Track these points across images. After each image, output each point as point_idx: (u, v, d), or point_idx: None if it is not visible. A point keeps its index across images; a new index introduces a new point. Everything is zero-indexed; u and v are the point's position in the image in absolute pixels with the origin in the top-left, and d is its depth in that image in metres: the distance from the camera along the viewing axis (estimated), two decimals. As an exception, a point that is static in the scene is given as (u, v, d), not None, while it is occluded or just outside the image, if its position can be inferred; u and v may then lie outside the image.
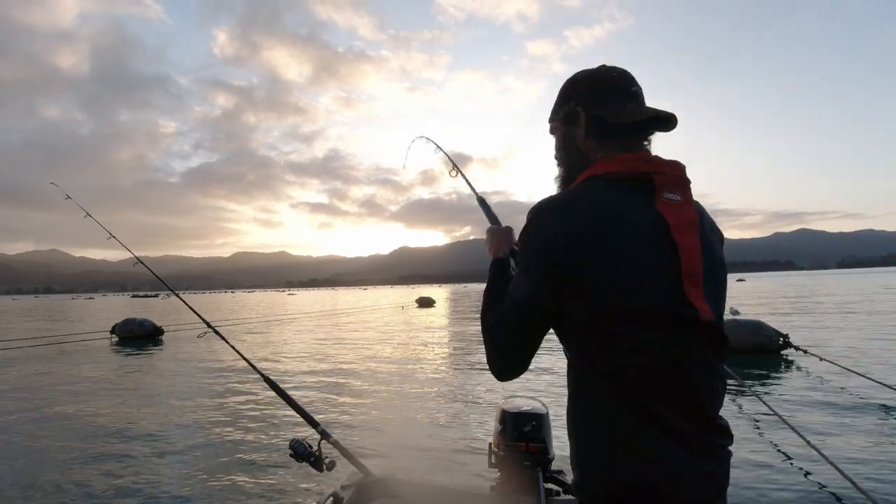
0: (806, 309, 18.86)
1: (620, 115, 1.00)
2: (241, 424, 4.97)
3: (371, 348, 11.33)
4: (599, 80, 1.04)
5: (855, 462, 3.70)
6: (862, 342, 9.75)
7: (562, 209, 0.95)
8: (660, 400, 0.89)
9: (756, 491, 3.29)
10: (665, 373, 0.89)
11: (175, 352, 11.78)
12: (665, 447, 0.88)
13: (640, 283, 0.89)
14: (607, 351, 0.91)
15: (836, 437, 4.30)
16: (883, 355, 8.24)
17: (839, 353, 8.18)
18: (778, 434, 4.38)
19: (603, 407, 0.92)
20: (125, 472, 3.86)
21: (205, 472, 3.77)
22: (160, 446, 4.42)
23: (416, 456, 3.81)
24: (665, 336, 0.89)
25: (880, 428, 4.57)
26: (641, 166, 0.96)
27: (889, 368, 7.05)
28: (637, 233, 0.91)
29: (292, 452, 2.16)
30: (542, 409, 2.83)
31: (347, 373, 8.02)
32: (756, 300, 25.02)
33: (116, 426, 5.16)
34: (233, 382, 7.26)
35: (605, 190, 0.95)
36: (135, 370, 9.10)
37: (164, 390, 6.99)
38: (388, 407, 5.58)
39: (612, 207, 0.93)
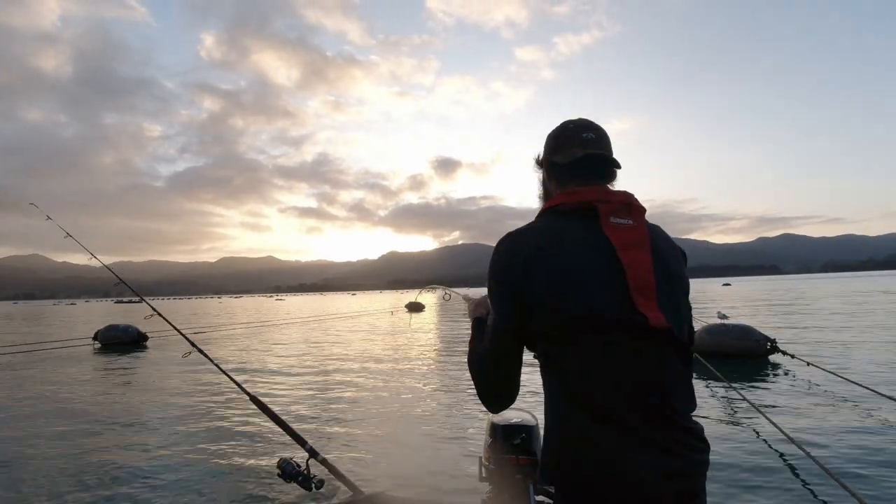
0: (792, 313, 19.11)
1: (567, 157, 1.18)
2: (227, 443, 4.84)
3: (359, 357, 11.22)
4: (558, 132, 1.24)
5: (836, 458, 3.77)
6: (847, 346, 9.89)
7: (514, 238, 1.14)
8: (616, 400, 0.99)
9: (742, 486, 3.31)
10: (620, 375, 1.00)
11: (159, 360, 11.56)
12: (621, 445, 0.97)
13: (590, 294, 1.01)
14: (566, 356, 1.03)
15: (823, 438, 4.38)
16: (867, 359, 8.37)
17: (825, 357, 8.29)
18: (772, 439, 4.41)
19: (561, 407, 1.04)
20: (105, 494, 3.75)
21: (188, 494, 3.66)
22: (142, 464, 4.29)
23: (406, 472, 3.74)
24: (617, 341, 1.00)
25: (862, 426, 4.71)
26: (585, 196, 1.12)
27: (873, 372, 7.19)
28: (581, 252, 1.05)
29: (280, 472, 2.11)
30: (532, 421, 2.81)
31: (336, 384, 7.90)
32: (742, 304, 25.29)
33: (94, 445, 5.01)
34: (218, 396, 7.11)
35: (555, 220, 1.12)
36: (117, 381, 8.90)
37: (145, 406, 6.80)
38: (378, 422, 5.48)
39: (558, 232, 1.09)
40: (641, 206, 1.14)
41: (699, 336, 9.13)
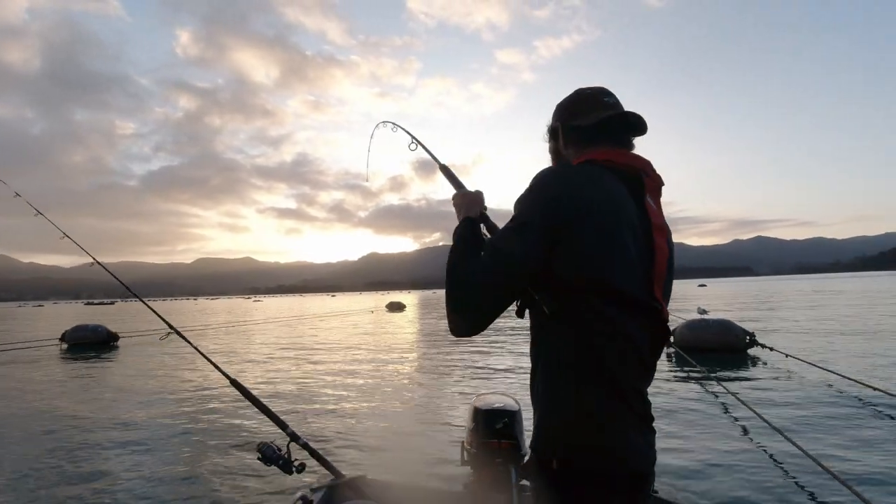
0: (767, 310, 19.65)
1: (592, 119, 1.13)
2: (205, 429, 4.74)
3: (341, 351, 11.12)
4: (574, 98, 1.20)
5: (823, 446, 3.81)
6: (820, 339, 10.19)
7: (569, 174, 1.06)
8: (627, 376, 1.02)
9: (728, 474, 3.35)
10: (633, 353, 1.02)
11: (132, 358, 11.24)
12: (627, 418, 1.01)
13: (624, 263, 1.01)
14: (587, 323, 1.00)
15: (804, 426, 4.47)
16: (840, 350, 8.64)
17: (801, 350, 8.49)
18: (756, 431, 4.48)
19: (574, 374, 1.01)
20: (82, 480, 3.62)
21: (168, 479, 3.56)
22: (119, 454, 4.14)
23: (387, 456, 3.70)
24: (634, 315, 1.02)
25: (842, 414, 4.84)
26: (634, 161, 1.10)
27: (847, 363, 7.40)
28: (630, 221, 1.03)
29: (260, 456, 2.05)
30: (514, 406, 2.81)
31: (317, 374, 7.82)
32: (720, 302, 25.85)
33: (69, 430, 4.84)
34: (194, 387, 6.95)
35: (603, 173, 1.07)
36: (87, 378, 8.60)
37: (120, 397, 6.61)
38: (360, 408, 5.43)
39: (612, 189, 1.05)
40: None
41: (681, 331, 9.28)
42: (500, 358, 8.30)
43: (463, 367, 7.73)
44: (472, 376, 7.24)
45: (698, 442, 4.13)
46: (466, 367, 7.91)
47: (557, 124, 1.21)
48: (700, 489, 3.23)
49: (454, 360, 8.71)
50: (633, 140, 1.16)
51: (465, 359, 9.02)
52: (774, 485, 3.30)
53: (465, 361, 8.61)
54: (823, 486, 3.25)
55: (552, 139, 1.24)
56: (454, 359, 8.99)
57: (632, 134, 1.15)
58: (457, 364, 8.19)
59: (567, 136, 1.18)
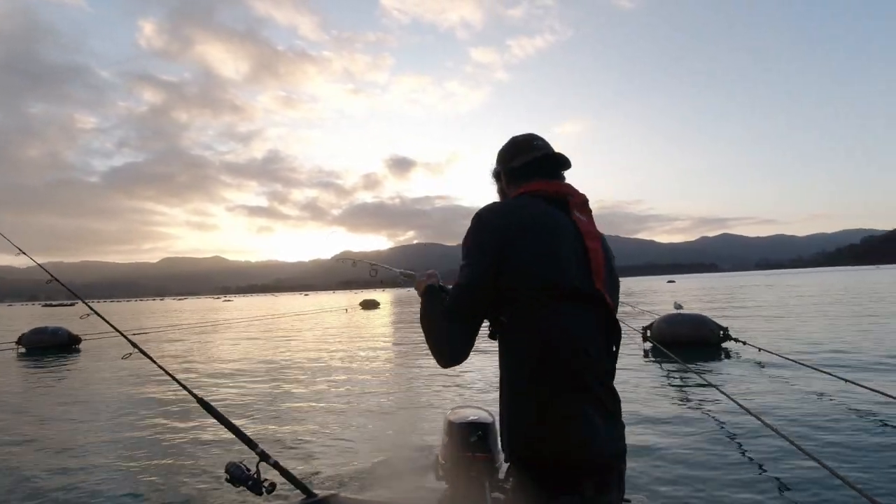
0: (734, 305, 20.36)
1: (525, 159, 1.36)
2: (171, 448, 4.53)
3: (312, 355, 10.91)
4: (510, 145, 1.42)
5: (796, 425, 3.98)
6: (790, 333, 10.61)
7: (503, 208, 1.28)
8: (582, 366, 1.12)
9: (711, 461, 3.42)
10: (583, 339, 1.14)
11: (94, 363, 10.80)
12: (586, 409, 1.10)
13: (562, 265, 1.17)
14: (537, 320, 1.13)
15: (781, 410, 4.74)
16: (807, 343, 9.06)
17: (770, 342, 8.78)
18: (732, 413, 4.60)
19: (530, 370, 1.12)
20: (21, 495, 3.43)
21: (125, 494, 3.40)
22: (73, 474, 3.94)
23: (360, 472, 3.61)
24: (580, 309, 1.16)
25: (817, 401, 5.19)
26: (557, 188, 1.31)
27: (814, 354, 7.86)
28: (559, 230, 1.21)
29: (228, 477, 1.96)
30: (488, 419, 2.79)
31: (288, 384, 7.61)
32: (691, 298, 26.53)
33: (21, 446, 4.60)
34: (159, 400, 6.67)
35: (534, 200, 1.28)
36: (44, 387, 8.21)
37: (77, 409, 6.31)
38: (331, 422, 5.28)
39: (541, 210, 1.25)
40: (590, 209, 1.35)
41: (658, 325, 9.48)
42: (479, 371, 8.32)
43: (440, 377, 7.70)
44: (448, 386, 7.20)
45: (678, 438, 4.21)
46: (443, 377, 7.89)
47: (499, 168, 1.43)
48: (680, 494, 3.25)
49: (431, 369, 8.69)
50: (562, 174, 1.37)
51: (439, 370, 9.00)
52: (757, 479, 3.38)
53: (441, 371, 8.60)
54: (809, 476, 3.36)
55: (497, 181, 1.46)
56: (431, 367, 8.96)
57: (559, 169, 1.36)
58: (433, 373, 8.16)
59: (507, 177, 1.40)
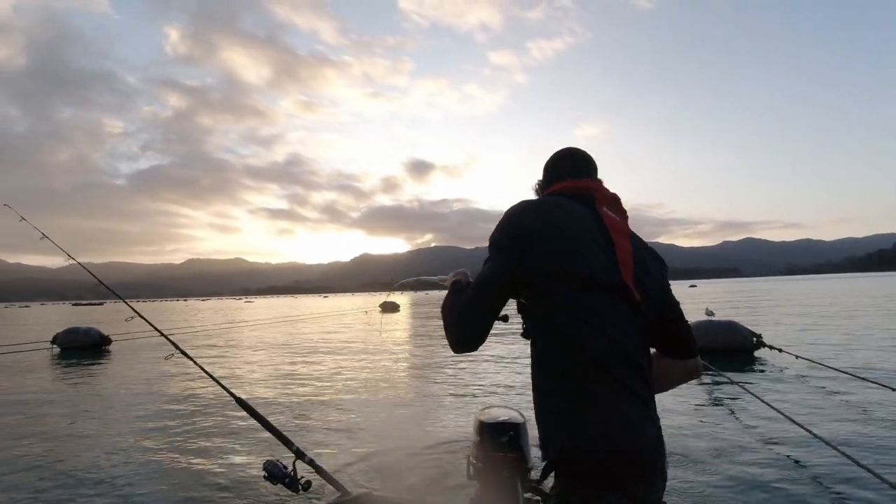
0: (761, 310, 19.84)
1: (556, 165, 1.44)
2: (209, 446, 4.63)
3: (339, 356, 11.02)
4: (554, 158, 1.46)
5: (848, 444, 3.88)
6: (824, 340, 10.26)
7: (525, 205, 1.30)
8: (610, 353, 1.11)
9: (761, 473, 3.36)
10: (611, 332, 1.12)
11: (126, 364, 11.10)
12: (620, 403, 1.09)
13: (584, 255, 1.17)
14: (560, 312, 1.14)
15: (830, 422, 4.60)
16: (847, 351, 8.78)
17: (807, 350, 8.42)
18: (775, 427, 4.51)
19: (560, 366, 1.13)
20: (72, 496, 3.56)
21: (164, 497, 3.48)
22: (110, 469, 4.08)
23: (393, 472, 3.66)
24: (608, 301, 1.15)
25: (867, 413, 4.95)
26: (582, 184, 1.33)
27: (856, 361, 7.58)
28: (586, 225, 1.22)
29: (266, 474, 2.04)
30: (519, 419, 2.80)
31: (317, 384, 7.71)
32: (716, 303, 25.91)
33: (57, 452, 4.76)
34: (195, 398, 6.85)
35: (556, 199, 1.31)
36: (82, 386, 8.48)
37: (115, 409, 6.49)
38: (364, 421, 5.35)
39: (565, 205, 1.27)
40: (624, 209, 1.36)
41: None
42: (517, 375, 8.27)
43: (469, 377, 7.71)
44: (477, 387, 7.22)
45: (717, 445, 4.13)
46: (473, 377, 7.90)
47: (540, 180, 1.49)
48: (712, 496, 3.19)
49: (460, 370, 8.69)
50: (592, 173, 1.40)
51: (467, 368, 9.01)
52: (810, 494, 3.27)
53: (469, 371, 8.59)
54: (855, 480, 3.28)
55: (537, 195, 1.50)
56: (460, 367, 8.98)
57: (586, 168, 1.40)
58: (463, 374, 8.17)
59: (543, 185, 1.46)
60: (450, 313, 1.30)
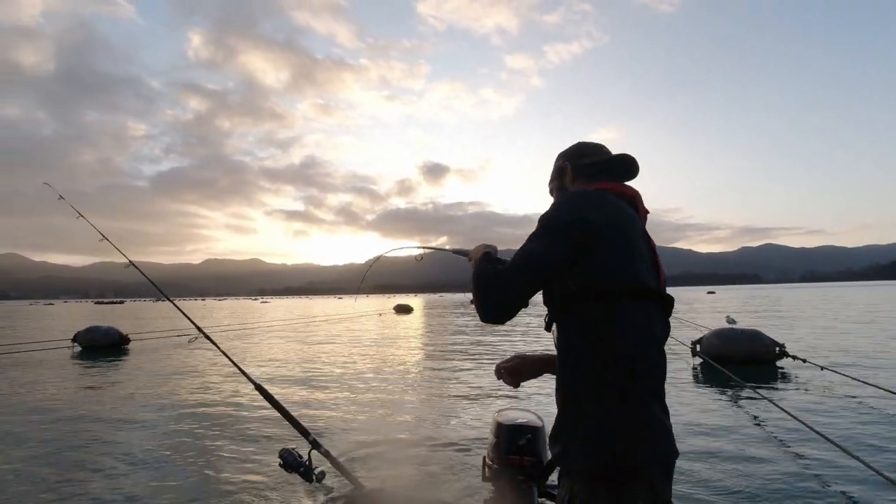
0: (782, 318, 19.36)
1: (599, 157, 1.39)
2: (226, 433, 4.72)
3: (356, 355, 11.09)
4: (579, 145, 1.45)
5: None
6: (848, 351, 9.93)
7: (593, 198, 1.24)
8: (655, 366, 1.15)
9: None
10: (656, 340, 1.17)
11: (145, 362, 11.30)
12: (658, 411, 1.13)
13: (640, 263, 1.19)
14: (618, 320, 1.13)
15: (857, 435, 4.46)
16: (872, 362, 8.48)
17: (832, 362, 8.15)
18: (802, 443, 4.42)
19: (613, 373, 1.11)
20: (93, 486, 3.63)
21: (186, 483, 3.55)
22: (126, 458, 4.16)
23: (408, 468, 3.67)
24: (654, 309, 1.19)
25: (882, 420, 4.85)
26: (630, 191, 1.34)
27: (881, 374, 7.29)
28: (640, 232, 1.24)
29: (282, 462, 2.05)
30: (537, 423, 2.76)
31: (334, 380, 7.78)
32: (737, 311, 25.41)
33: (80, 442, 4.86)
34: (211, 392, 6.95)
35: (615, 198, 1.28)
36: (104, 382, 8.66)
37: (135, 402, 6.63)
38: (379, 417, 5.39)
39: (623, 206, 1.27)
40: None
41: (709, 339, 9.01)
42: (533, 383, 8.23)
43: (487, 378, 7.67)
44: (492, 388, 7.18)
45: (739, 460, 4.01)
46: (489, 378, 7.86)
47: (566, 164, 1.42)
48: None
49: (476, 370, 8.67)
50: (628, 182, 1.39)
51: (485, 368, 8.97)
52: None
53: (487, 371, 8.57)
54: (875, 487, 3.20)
55: (557, 178, 1.45)
56: (476, 367, 8.96)
57: (628, 176, 1.39)
58: (480, 374, 8.14)
59: (576, 172, 1.39)
60: (484, 281, 1.21)
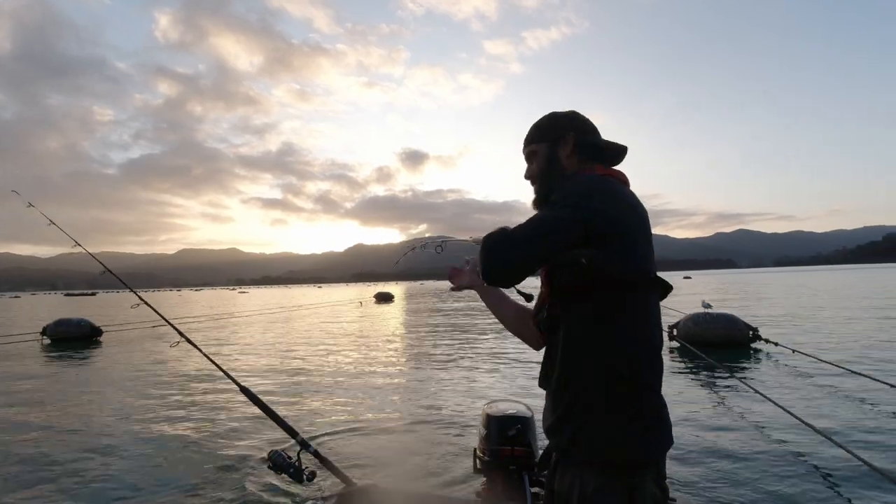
0: (755, 303, 19.93)
1: (599, 142, 1.30)
2: (213, 435, 4.56)
3: (338, 347, 10.96)
4: (581, 117, 1.32)
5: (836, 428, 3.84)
6: (819, 333, 10.32)
7: (606, 182, 1.19)
8: (658, 344, 1.17)
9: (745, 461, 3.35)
10: (658, 326, 1.19)
11: (119, 354, 11.00)
12: (660, 398, 1.15)
13: (651, 255, 1.18)
14: (638, 312, 1.14)
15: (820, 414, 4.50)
16: (841, 344, 8.84)
17: (802, 344, 8.34)
18: (779, 425, 4.51)
19: (631, 364, 1.11)
20: (73, 493, 3.50)
21: (174, 488, 3.42)
22: (112, 462, 3.99)
23: (398, 464, 3.62)
24: (657, 299, 1.21)
25: (862, 406, 4.98)
26: (626, 179, 1.28)
27: (850, 355, 7.60)
28: (646, 219, 1.20)
29: (271, 464, 2.00)
30: (526, 413, 2.76)
31: (318, 376, 7.66)
32: (712, 295, 26.04)
33: (54, 436, 4.70)
34: (192, 389, 6.78)
35: (629, 189, 1.25)
36: (72, 377, 8.40)
37: (109, 399, 6.42)
38: (366, 413, 5.30)
39: (631, 195, 1.22)
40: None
41: (685, 324, 9.28)
42: (517, 369, 8.22)
43: (475, 371, 7.68)
44: (481, 378, 7.19)
45: (719, 439, 4.12)
46: (476, 368, 7.87)
47: (570, 134, 1.28)
48: (725, 494, 3.15)
49: (462, 360, 8.68)
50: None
51: (472, 357, 8.99)
52: (800, 479, 3.27)
53: (473, 361, 8.57)
54: (851, 475, 3.26)
55: (551, 144, 1.29)
56: (461, 358, 8.96)
57: (615, 164, 1.34)
58: (468, 366, 8.14)
59: (582, 149, 1.28)
60: (492, 241, 1.12)
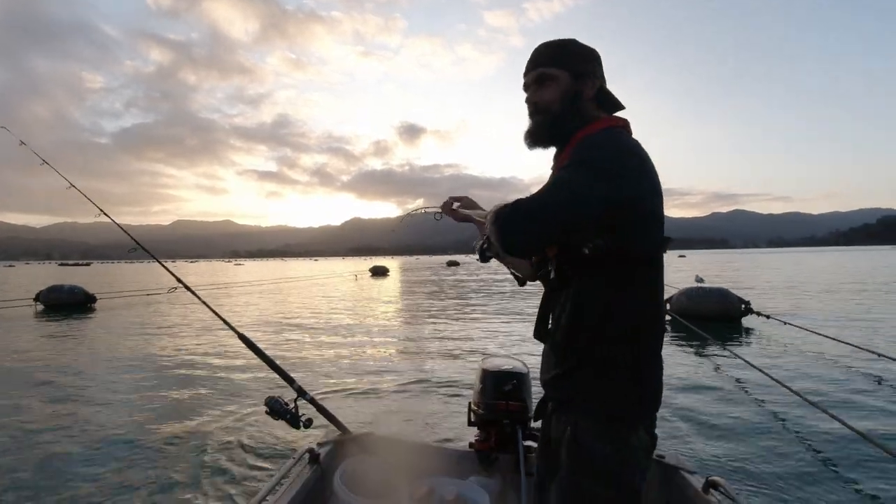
0: (750, 280, 20.27)
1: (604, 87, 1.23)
2: (210, 383, 4.69)
3: (335, 312, 11.07)
4: (597, 56, 1.23)
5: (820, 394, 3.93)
6: (811, 309, 10.49)
7: (636, 152, 1.11)
8: (661, 322, 1.18)
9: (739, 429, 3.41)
10: (663, 297, 1.20)
11: (114, 320, 11.01)
12: (659, 359, 1.17)
13: (661, 231, 1.14)
14: (650, 275, 1.14)
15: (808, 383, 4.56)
16: (829, 318, 9.03)
17: (793, 318, 8.50)
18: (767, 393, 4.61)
19: (644, 325, 1.13)
20: (75, 433, 3.53)
21: (170, 434, 3.50)
22: (114, 407, 4.07)
23: (394, 415, 3.71)
24: (663, 266, 1.18)
25: (848, 373, 5.10)
26: (630, 129, 1.20)
27: (844, 330, 7.73)
28: (659, 183, 1.13)
29: (268, 410, 2.02)
30: (522, 369, 2.79)
31: (316, 335, 7.77)
32: (706, 272, 26.21)
33: (55, 386, 4.73)
34: (188, 346, 6.82)
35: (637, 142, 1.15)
36: (68, 338, 8.39)
37: (109, 357, 6.43)
38: (363, 368, 5.41)
39: (646, 155, 1.13)
40: None
41: (678, 298, 9.36)
42: (513, 326, 8.29)
43: (471, 331, 7.76)
44: (479, 338, 7.27)
45: (712, 406, 4.19)
46: (473, 328, 7.96)
47: (589, 69, 1.19)
48: (711, 453, 3.23)
49: (457, 323, 8.75)
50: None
51: (467, 320, 9.05)
52: (783, 444, 3.35)
53: (470, 322, 8.65)
54: (840, 442, 3.33)
55: (576, 78, 1.18)
56: (457, 316, 9.04)
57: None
58: (461, 326, 8.22)
59: (599, 95, 1.21)
60: (504, 212, 1.04)
